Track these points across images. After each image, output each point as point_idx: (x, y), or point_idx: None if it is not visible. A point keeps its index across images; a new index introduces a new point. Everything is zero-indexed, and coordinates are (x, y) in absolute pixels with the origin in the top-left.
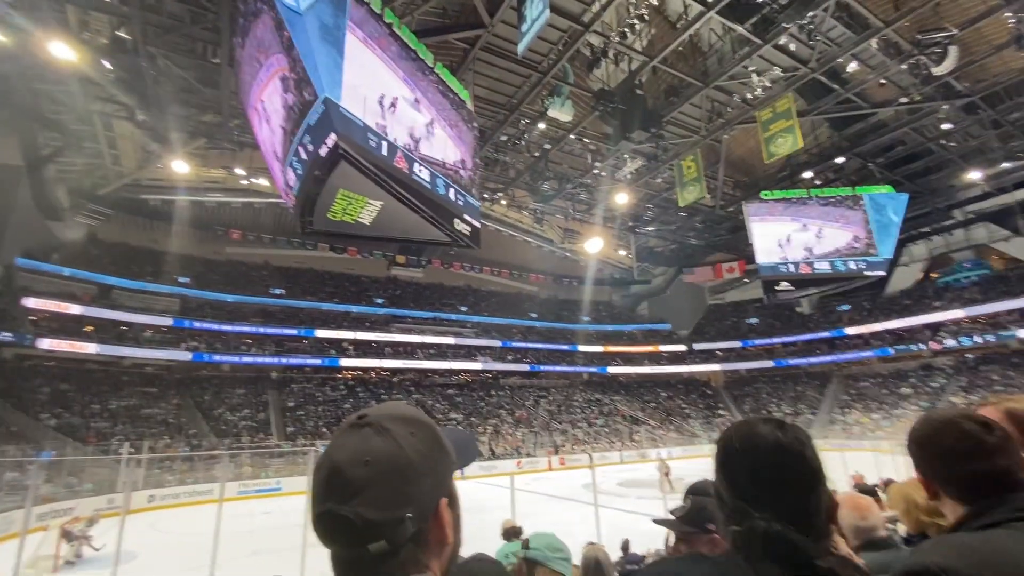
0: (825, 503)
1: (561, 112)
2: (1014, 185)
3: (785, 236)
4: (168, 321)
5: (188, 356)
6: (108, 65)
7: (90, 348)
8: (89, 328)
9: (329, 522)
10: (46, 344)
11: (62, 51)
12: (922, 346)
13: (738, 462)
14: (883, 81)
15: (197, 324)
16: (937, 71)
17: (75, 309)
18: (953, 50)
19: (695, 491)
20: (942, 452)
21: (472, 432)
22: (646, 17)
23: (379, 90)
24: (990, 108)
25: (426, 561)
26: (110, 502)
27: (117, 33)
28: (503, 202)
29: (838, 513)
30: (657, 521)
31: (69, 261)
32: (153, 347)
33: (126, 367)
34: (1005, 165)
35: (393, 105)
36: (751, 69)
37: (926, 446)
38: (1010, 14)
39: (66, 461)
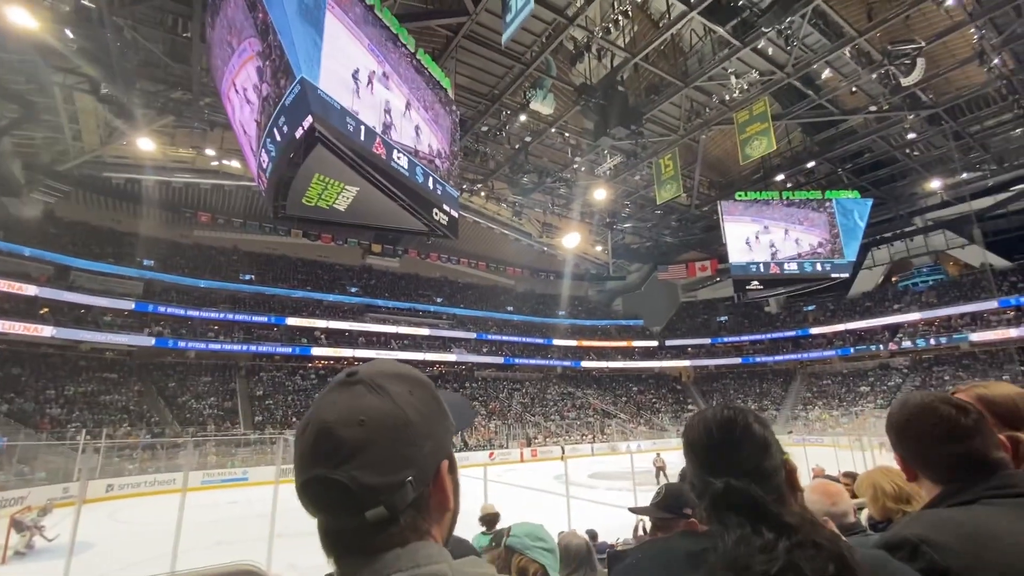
0: (780, 467)
1: (543, 105)
2: (971, 195)
3: (756, 236)
4: (130, 305)
5: (151, 341)
6: (71, 34)
7: (45, 331)
8: (45, 310)
9: (320, 488)
10: None
11: (21, 17)
12: (881, 346)
13: (697, 442)
14: (854, 89)
15: (161, 309)
16: (905, 81)
17: (30, 290)
18: (921, 62)
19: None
20: (920, 435)
21: (465, 396)
22: (629, 14)
23: (359, 73)
24: (952, 120)
25: (427, 527)
26: (65, 491)
27: (82, 1)
28: (482, 194)
29: (807, 498)
30: (633, 510)
31: (24, 239)
32: (114, 331)
33: (84, 352)
34: (963, 176)
35: (370, 86)
36: (730, 71)
37: (904, 429)
38: (975, 30)
39: (18, 448)
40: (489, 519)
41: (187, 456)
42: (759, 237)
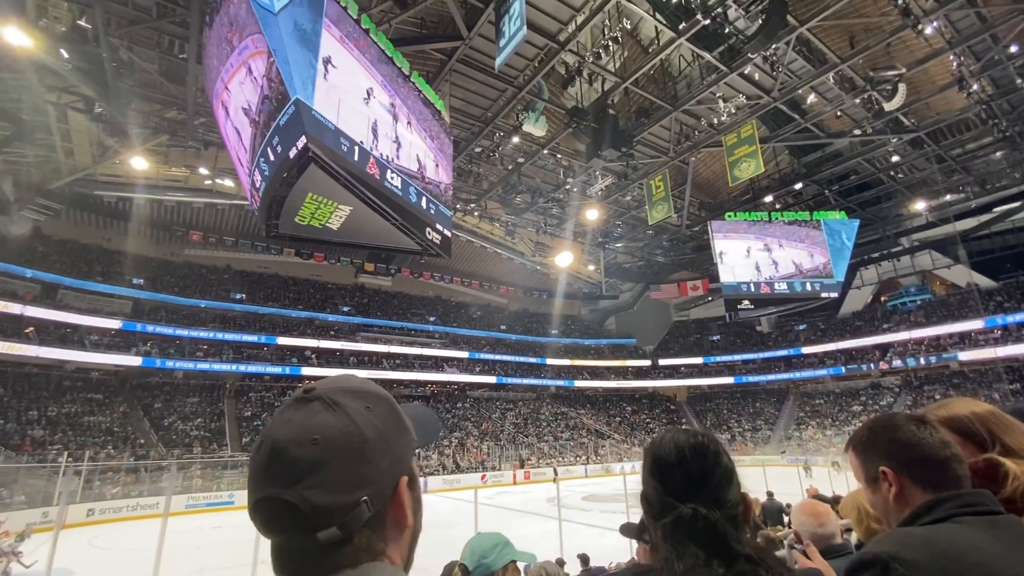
0: (740, 500)
1: (535, 127)
2: (955, 216)
3: (747, 256)
4: (117, 324)
5: (138, 361)
6: (66, 54)
7: (29, 350)
8: (30, 329)
9: (271, 509)
10: None
11: (16, 37)
12: (872, 366)
13: (666, 462)
14: (839, 113)
15: (150, 328)
16: (888, 106)
17: (14, 308)
18: (902, 88)
19: None
20: (911, 441)
21: (432, 409)
22: (619, 40)
23: (354, 95)
24: (934, 144)
25: (382, 547)
26: (44, 515)
27: (78, 22)
28: (475, 214)
29: (795, 519)
30: (623, 528)
31: (12, 257)
32: (100, 351)
33: (69, 371)
34: (947, 197)
35: (368, 107)
36: (718, 95)
37: (895, 438)
38: (953, 57)
39: None
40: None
41: (170, 479)
42: (749, 257)
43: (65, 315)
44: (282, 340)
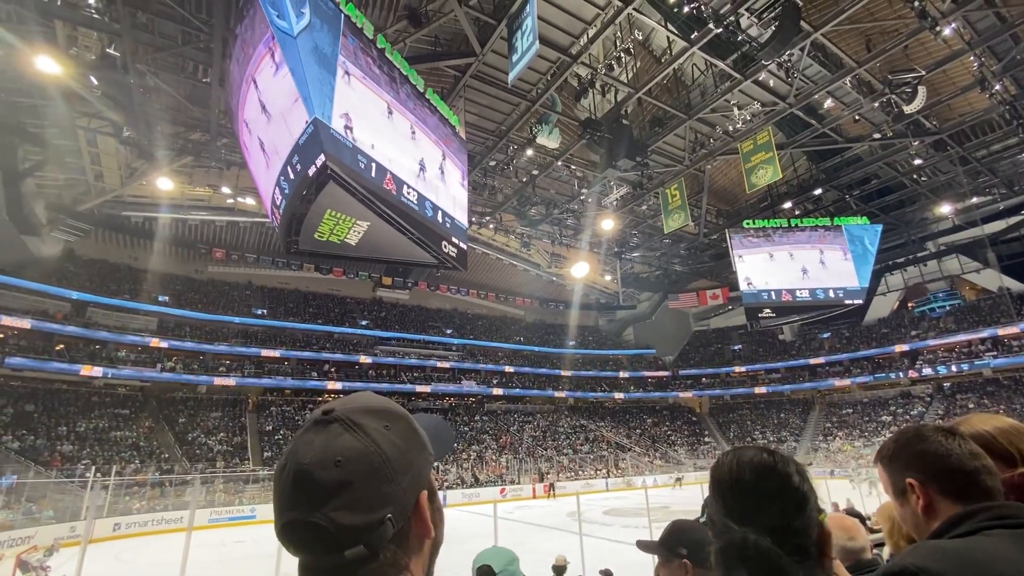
0: (815, 528)
1: (549, 139)
2: (982, 219)
3: (767, 264)
4: (144, 340)
5: (163, 376)
6: (95, 81)
7: (59, 367)
8: (60, 346)
9: (299, 532)
10: (14, 362)
11: (48, 65)
12: (900, 374)
13: (727, 483)
14: (857, 117)
15: (175, 344)
16: (908, 109)
17: (47, 326)
18: (922, 90)
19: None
20: (926, 463)
21: (445, 420)
22: (632, 51)
23: (372, 114)
24: (958, 145)
25: (406, 562)
26: (72, 530)
27: (107, 50)
28: (491, 226)
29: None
30: (640, 543)
31: (44, 277)
32: (127, 367)
33: (97, 387)
34: (973, 200)
35: (386, 126)
36: (732, 103)
37: (925, 451)
38: (974, 58)
39: (26, 486)
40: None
41: (194, 493)
42: (769, 264)
43: (94, 332)
44: (302, 354)
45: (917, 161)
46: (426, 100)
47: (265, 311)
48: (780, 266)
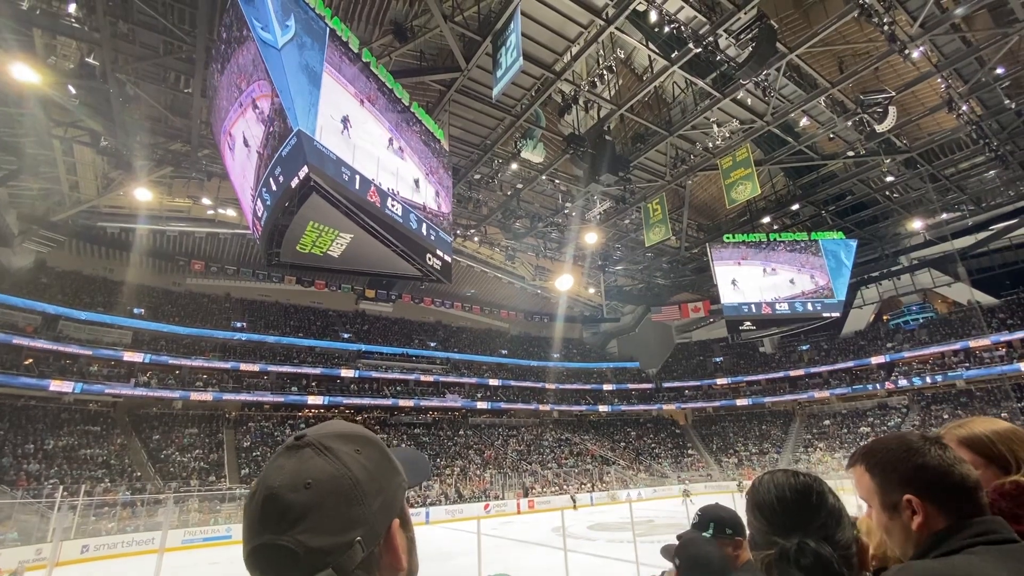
0: (853, 542)
1: (533, 154)
2: (952, 234)
3: (746, 278)
4: (118, 354)
5: (137, 391)
6: (73, 90)
7: (28, 382)
8: (29, 361)
9: (267, 555)
10: None
11: (24, 74)
12: (877, 385)
13: (770, 503)
14: (832, 135)
15: (150, 357)
16: (879, 128)
17: (15, 340)
18: (892, 110)
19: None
20: (911, 476)
21: (422, 452)
22: (614, 69)
23: (356, 126)
24: (927, 163)
25: None
26: (38, 553)
27: (86, 59)
28: (475, 239)
29: None
30: (664, 550)
31: (14, 289)
32: (99, 382)
33: (67, 403)
34: (943, 216)
35: (370, 138)
36: (712, 120)
37: (896, 466)
38: (941, 80)
39: None
40: None
41: (166, 513)
42: (749, 278)
43: (65, 346)
44: (283, 368)
45: (889, 178)
46: (411, 114)
47: (245, 324)
48: (759, 279)
